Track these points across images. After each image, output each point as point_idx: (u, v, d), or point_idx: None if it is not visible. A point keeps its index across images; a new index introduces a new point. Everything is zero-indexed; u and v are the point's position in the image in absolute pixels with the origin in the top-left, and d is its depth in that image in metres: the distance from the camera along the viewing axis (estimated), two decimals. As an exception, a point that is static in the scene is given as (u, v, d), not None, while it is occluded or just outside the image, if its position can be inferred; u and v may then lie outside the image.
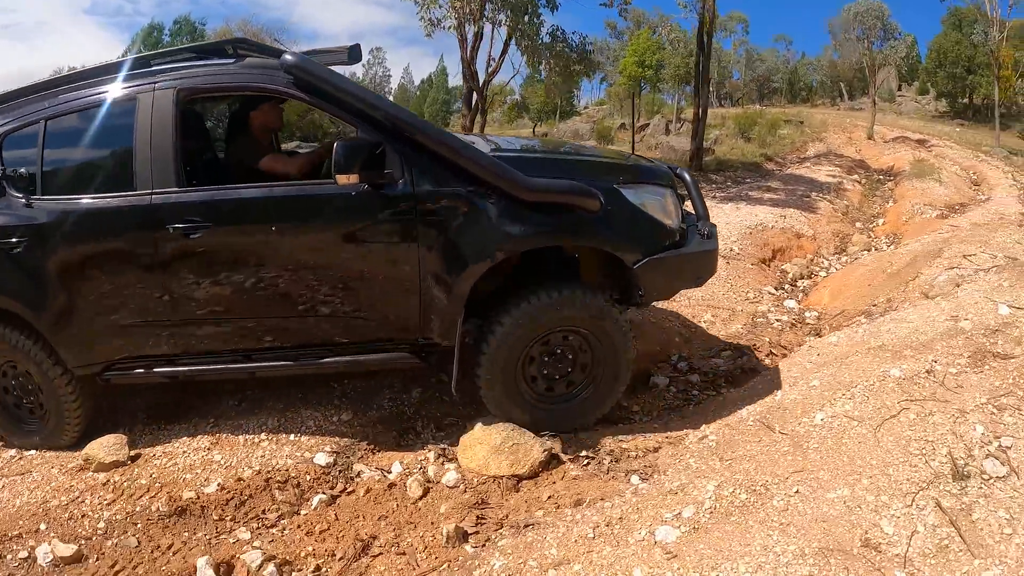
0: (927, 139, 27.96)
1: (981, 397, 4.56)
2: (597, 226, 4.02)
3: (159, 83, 4.02)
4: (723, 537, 3.17)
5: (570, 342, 4.31)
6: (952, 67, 52.22)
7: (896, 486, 3.54)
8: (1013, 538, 3.23)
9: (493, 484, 3.99)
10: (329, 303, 4.10)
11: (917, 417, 4.18)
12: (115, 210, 4.05)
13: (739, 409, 4.78)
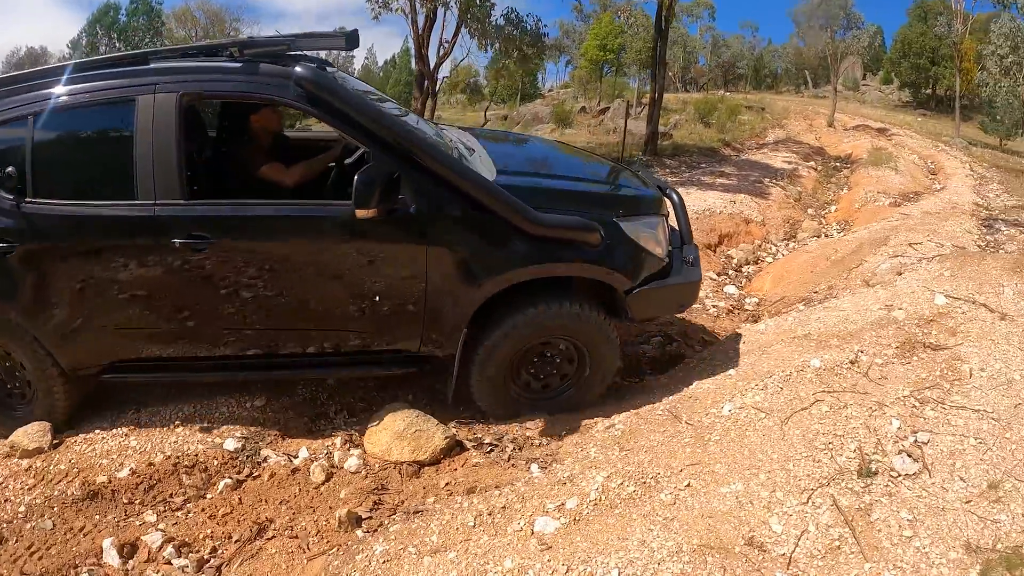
0: (888, 128, 28.24)
1: (904, 389, 4.46)
2: (596, 258, 4.23)
3: (160, 85, 3.82)
4: (602, 530, 3.14)
5: (564, 350, 4.53)
6: (916, 58, 53.11)
7: (794, 482, 3.43)
8: (913, 541, 3.11)
9: (394, 470, 4.04)
10: (333, 317, 4.19)
11: (830, 410, 4.05)
12: (115, 220, 3.90)
13: (653, 398, 4.70)
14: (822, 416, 3.98)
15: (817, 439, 3.76)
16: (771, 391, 4.27)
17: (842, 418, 3.97)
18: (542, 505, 3.40)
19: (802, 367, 4.56)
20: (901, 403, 4.24)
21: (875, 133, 25.64)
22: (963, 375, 4.76)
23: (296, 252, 4.04)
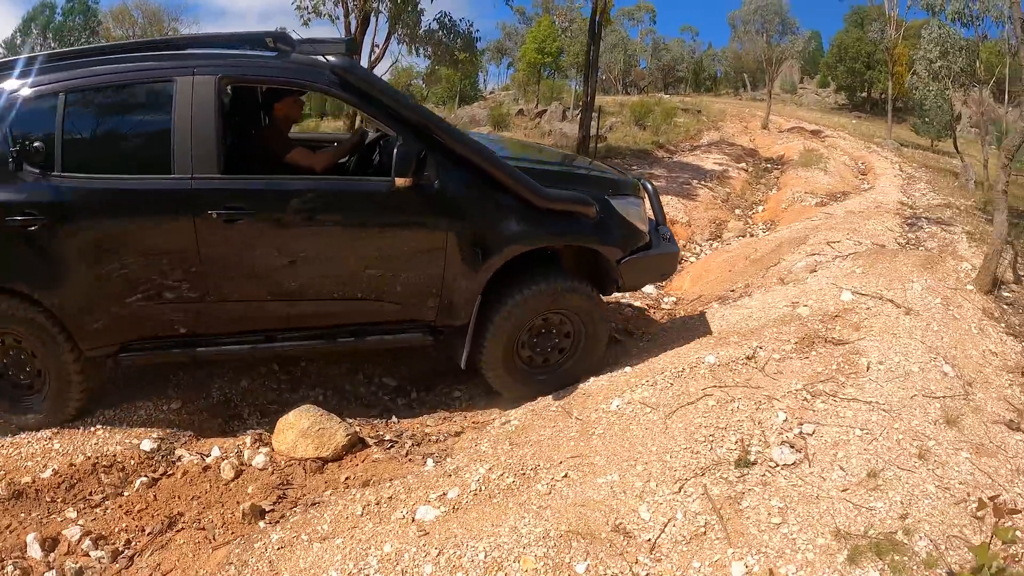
0: (822, 130, 29.20)
1: (797, 383, 4.62)
2: (594, 230, 4.77)
3: (199, 68, 4.07)
4: (478, 518, 3.38)
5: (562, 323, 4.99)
6: (852, 62, 55.18)
7: (669, 472, 3.59)
8: (781, 527, 3.25)
9: (299, 467, 4.32)
10: (361, 287, 4.47)
11: (717, 404, 4.19)
12: (151, 192, 4.08)
13: (550, 394, 4.92)
14: (707, 410, 4.12)
15: (699, 432, 3.90)
16: (660, 387, 4.44)
17: (728, 411, 4.11)
18: (426, 495, 3.65)
19: (696, 363, 4.71)
20: (792, 397, 4.39)
21: (809, 135, 26.43)
22: (860, 369, 4.94)
23: (331, 224, 4.38)
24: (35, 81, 3.98)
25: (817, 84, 66.92)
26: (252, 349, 4.57)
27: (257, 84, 4.95)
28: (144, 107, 4.29)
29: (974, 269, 7.73)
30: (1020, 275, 9.13)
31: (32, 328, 4.17)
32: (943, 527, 3.38)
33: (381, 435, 4.75)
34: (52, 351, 4.23)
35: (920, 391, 4.72)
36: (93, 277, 4.08)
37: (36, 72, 4.01)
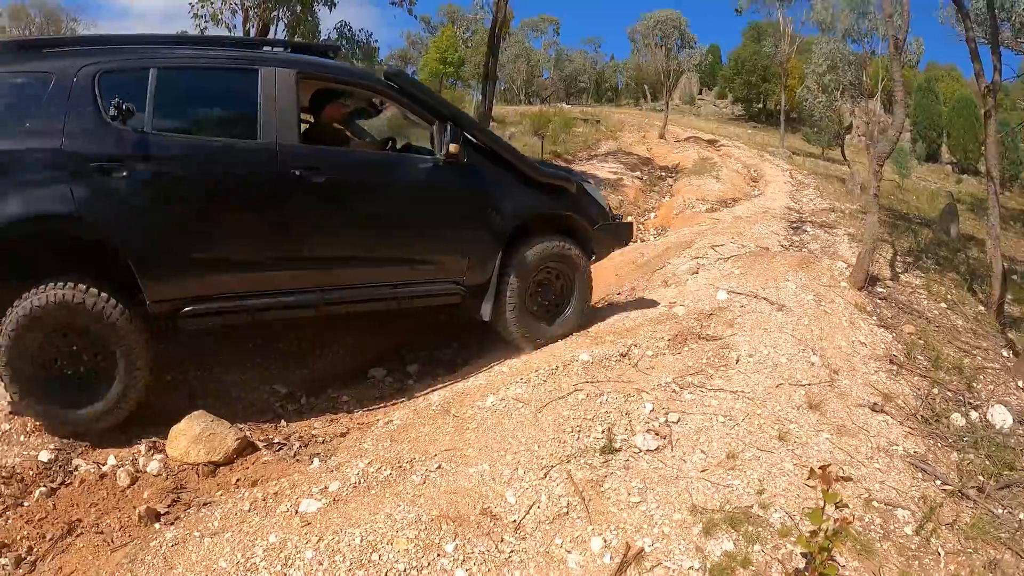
0: (718, 139, 30.67)
1: (668, 377, 4.98)
2: (578, 203, 6.17)
3: (281, 63, 5.05)
4: (357, 507, 3.65)
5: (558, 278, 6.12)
6: (749, 75, 58.26)
7: (537, 461, 3.92)
8: (640, 506, 3.58)
9: (192, 471, 4.55)
10: (407, 248, 5.41)
11: (587, 397, 4.51)
12: (240, 150, 4.82)
13: (432, 395, 5.27)
14: (577, 403, 4.44)
15: (567, 423, 4.22)
16: (534, 384, 4.78)
17: (597, 404, 4.44)
18: (309, 489, 3.91)
19: (570, 361, 5.04)
20: (661, 389, 4.75)
21: (705, 144, 27.65)
22: (730, 362, 5.36)
23: (390, 189, 5.31)
24: (125, 58, 4.70)
25: (715, 96, 69.85)
26: (312, 306, 5.12)
27: (326, 82, 5.61)
28: (228, 86, 5.05)
29: (849, 267, 8.37)
30: (897, 272, 9.92)
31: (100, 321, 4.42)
32: (799, 500, 3.76)
33: (270, 438, 4.99)
34: (119, 328, 4.48)
35: (786, 380, 5.16)
36: (171, 225, 4.59)
37: (124, 51, 4.76)
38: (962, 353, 6.79)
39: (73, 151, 4.33)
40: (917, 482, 4.33)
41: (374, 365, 6.37)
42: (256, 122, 4.82)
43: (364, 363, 6.33)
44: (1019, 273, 12.68)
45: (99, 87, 4.49)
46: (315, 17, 17.20)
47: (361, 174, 5.27)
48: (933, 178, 38.31)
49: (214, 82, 5.03)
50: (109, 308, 4.41)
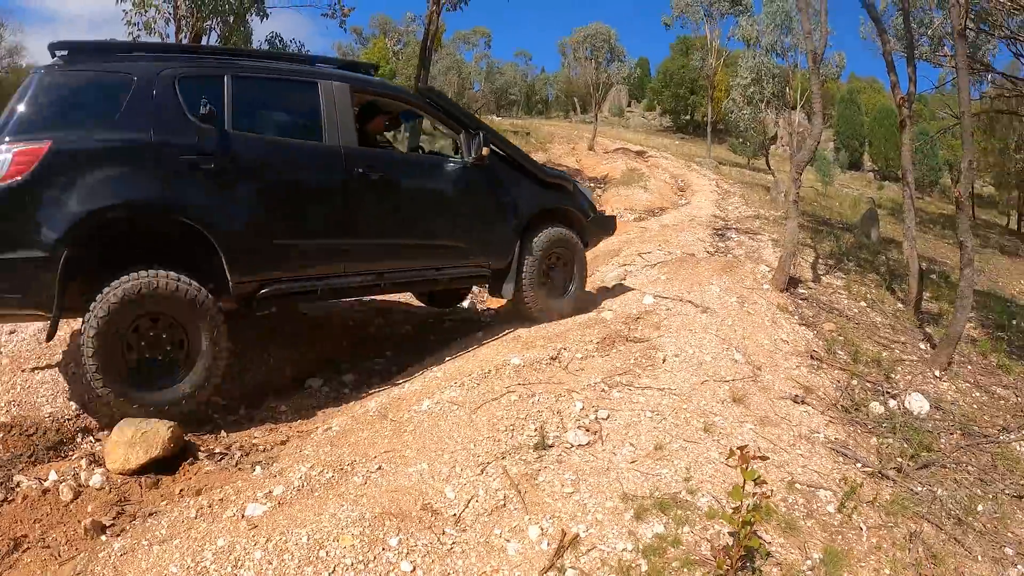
0: (646, 151, 31.59)
1: (597, 377, 5.23)
2: (574, 198, 7.33)
3: (336, 78, 5.89)
4: (302, 509, 3.80)
5: (562, 260, 7.14)
6: (677, 87, 60.24)
7: (473, 458, 4.12)
8: (573, 496, 3.81)
9: (134, 483, 4.60)
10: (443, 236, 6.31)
11: (519, 398, 4.74)
12: (310, 150, 5.60)
13: (370, 401, 5.43)
14: (510, 404, 4.67)
15: (501, 423, 4.45)
16: (468, 387, 4.99)
17: (529, 404, 4.68)
18: (254, 494, 4.06)
19: (502, 365, 5.27)
20: (591, 389, 5.00)
21: (633, 155, 28.38)
22: (656, 361, 5.64)
23: (430, 185, 6.30)
24: (200, 64, 5.38)
25: (644, 108, 71.62)
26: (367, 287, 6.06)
27: (372, 96, 6.45)
28: (293, 96, 5.78)
29: (772, 271, 8.81)
30: (819, 274, 10.43)
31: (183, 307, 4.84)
32: (725, 486, 4.02)
33: (212, 449, 5.06)
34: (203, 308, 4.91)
35: (711, 377, 5.46)
36: (254, 214, 5.19)
37: (199, 60, 5.45)
38: (881, 347, 7.24)
39: (164, 144, 4.86)
40: (838, 465, 4.65)
41: (310, 376, 6.51)
42: (321, 127, 5.65)
43: (300, 374, 6.47)
44: (937, 272, 13.41)
45: (179, 89, 5.06)
46: (247, 27, 17.25)
47: (407, 173, 6.28)
48: (856, 185, 40.05)
49: (281, 91, 5.79)
50: (197, 293, 4.86)
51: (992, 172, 32.02)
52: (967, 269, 7.06)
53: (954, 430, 5.66)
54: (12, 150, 4.45)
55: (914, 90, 9.76)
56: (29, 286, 4.55)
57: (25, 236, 4.51)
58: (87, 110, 4.85)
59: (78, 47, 5.05)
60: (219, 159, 5.03)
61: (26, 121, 4.62)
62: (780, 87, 34.08)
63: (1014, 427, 5.90)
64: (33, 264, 4.49)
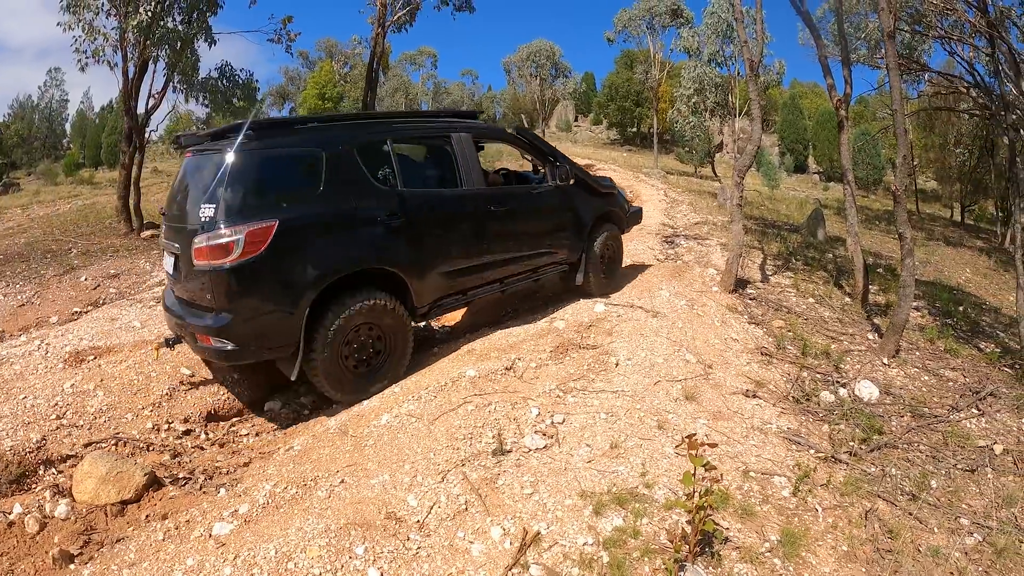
0: (594, 163, 31.90)
1: (551, 384, 5.39)
2: (617, 200, 9.04)
3: (462, 128, 7.15)
4: (269, 525, 3.93)
5: (609, 252, 8.75)
6: (622, 100, 61.33)
7: (433, 467, 4.25)
8: (533, 496, 3.96)
9: (100, 512, 4.71)
10: (540, 244, 7.71)
11: (476, 408, 4.88)
12: (455, 196, 6.85)
13: (330, 420, 5.55)
14: (467, 414, 4.81)
15: (459, 432, 4.58)
16: (425, 400, 5.14)
17: (486, 413, 4.83)
18: (220, 514, 4.19)
19: (458, 377, 5.42)
20: (546, 395, 5.16)
21: (582, 170, 28.57)
22: (610, 366, 5.82)
23: (531, 208, 7.74)
24: (368, 133, 6.40)
25: (591, 122, 72.55)
26: (491, 291, 7.22)
27: (483, 139, 7.83)
28: (435, 149, 7.32)
29: (720, 273, 9.08)
30: (767, 274, 10.72)
31: (391, 309, 6.00)
32: (681, 477, 4.16)
33: (175, 474, 5.19)
34: (400, 323, 6.09)
35: (664, 377, 5.65)
36: (429, 254, 6.41)
37: (366, 129, 6.46)
38: (829, 340, 7.51)
39: (365, 210, 5.97)
40: (791, 453, 4.86)
41: (269, 399, 6.61)
42: (457, 174, 6.91)
43: (259, 398, 6.57)
44: (884, 265, 13.82)
45: (359, 158, 6.06)
46: (195, 54, 17.28)
47: (517, 202, 7.57)
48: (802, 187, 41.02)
49: (426, 146, 7.44)
50: (400, 309, 6.07)
51: (934, 167, 33.05)
52: (908, 259, 7.36)
53: (904, 413, 5.91)
54: (244, 231, 5.20)
55: (850, 92, 10.15)
56: (275, 344, 5.50)
57: (272, 298, 5.42)
58: (293, 186, 5.73)
59: (259, 126, 5.70)
60: (402, 216, 6.14)
61: (241, 202, 5.36)
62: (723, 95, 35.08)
63: (963, 405, 6.17)
64: (280, 319, 5.44)
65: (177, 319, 5.78)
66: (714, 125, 37.16)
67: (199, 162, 5.97)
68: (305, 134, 6.00)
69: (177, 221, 5.80)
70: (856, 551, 3.90)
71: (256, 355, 5.54)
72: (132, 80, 16.04)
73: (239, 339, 5.35)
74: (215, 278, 5.25)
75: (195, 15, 16.18)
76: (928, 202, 37.26)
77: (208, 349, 5.50)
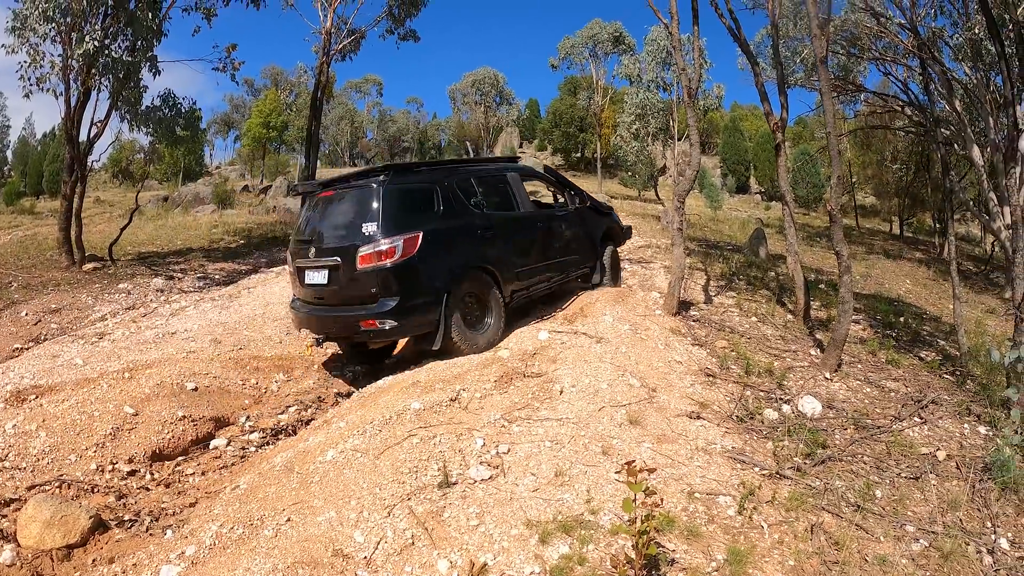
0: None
1: (496, 414, 5.42)
2: (614, 217, 11.49)
3: (514, 170, 9.75)
4: (216, 566, 3.92)
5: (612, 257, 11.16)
6: (566, 127, 62.38)
7: (380, 502, 4.27)
8: (479, 527, 4.01)
9: (46, 557, 4.64)
10: (568, 252, 9.78)
11: (421, 441, 4.90)
12: (518, 217, 9.04)
13: (275, 457, 5.48)
14: (412, 447, 4.82)
15: (404, 465, 4.60)
16: (370, 434, 5.15)
17: (431, 446, 4.84)
18: (166, 557, 4.21)
19: (403, 411, 5.44)
20: (491, 425, 5.19)
21: (527, 198, 28.84)
22: (554, 394, 5.88)
23: (560, 224, 9.77)
24: (459, 172, 8.73)
25: (535, 148, 73.25)
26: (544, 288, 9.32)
27: (527, 178, 10.23)
28: (501, 183, 9.23)
29: (663, 296, 9.23)
30: (710, 295, 10.91)
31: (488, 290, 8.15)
32: (625, 503, 4.23)
33: (120, 516, 5.15)
34: (496, 299, 8.19)
35: (608, 402, 5.72)
36: (508, 257, 8.49)
37: (459, 170, 8.84)
38: (772, 357, 7.66)
39: (470, 225, 8.16)
40: (736, 472, 4.94)
41: (214, 437, 6.54)
42: (515, 202, 9.18)
43: (206, 434, 6.51)
44: (825, 281, 14.14)
45: (456, 189, 8.26)
46: (139, 83, 17.08)
47: (555, 221, 9.76)
48: (744, 208, 41.84)
49: (495, 181, 9.15)
50: (495, 288, 8.20)
51: (872, 183, 34.06)
52: (845, 276, 7.58)
53: (848, 426, 6.03)
54: (400, 239, 7.21)
55: (786, 116, 10.46)
56: (427, 317, 7.35)
57: (423, 287, 7.33)
58: (423, 209, 7.75)
59: (394, 168, 7.82)
60: (492, 230, 8.34)
61: (394, 220, 7.33)
62: (665, 120, 35.71)
63: (906, 415, 6.31)
64: (427, 303, 7.33)
65: (332, 317, 7.52)
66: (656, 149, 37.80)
67: (343, 196, 7.93)
68: (422, 174, 8.23)
69: (332, 242, 7.57)
70: (803, 565, 3.99)
71: (411, 331, 7.45)
72: (75, 108, 15.87)
73: (400, 318, 7.12)
74: (381, 275, 7.12)
75: (140, 43, 16.05)
76: (868, 217, 38.26)
77: (373, 331, 7.20)
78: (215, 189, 33.67)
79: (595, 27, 45.48)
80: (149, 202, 32.27)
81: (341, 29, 21.84)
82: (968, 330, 11.38)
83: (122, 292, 12.56)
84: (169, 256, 16.07)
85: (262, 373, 7.87)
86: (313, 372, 8.28)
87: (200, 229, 20.31)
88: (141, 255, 16.26)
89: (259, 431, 6.72)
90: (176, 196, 34.11)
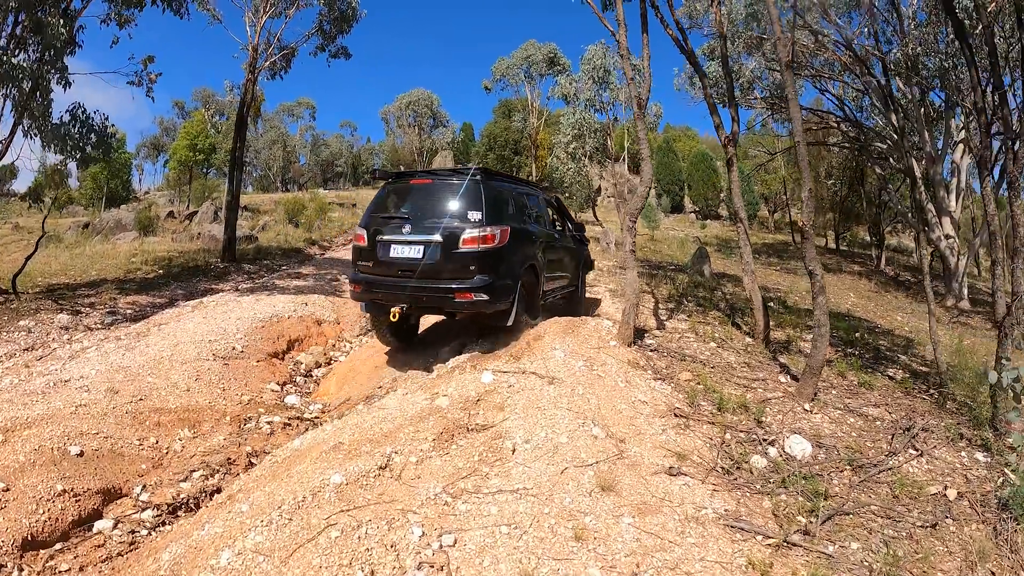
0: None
1: (437, 486, 4.23)
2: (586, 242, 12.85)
3: (540, 194, 10.76)
4: None
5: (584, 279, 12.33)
6: (501, 150, 61.20)
7: None
8: None
9: None
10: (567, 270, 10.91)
11: (342, 534, 3.63)
12: (547, 233, 10.21)
13: (163, 553, 4.11)
14: (331, 545, 3.55)
15: (320, 575, 3.27)
16: (277, 525, 3.79)
17: (354, 541, 3.57)
18: None
19: (321, 487, 4.13)
20: (431, 504, 3.99)
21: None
22: (505, 454, 4.72)
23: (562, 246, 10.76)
24: (520, 187, 9.83)
25: (471, 172, 72.38)
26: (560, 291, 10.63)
27: (548, 203, 10.98)
28: (528, 201, 9.73)
29: (616, 324, 8.19)
30: (662, 320, 10.00)
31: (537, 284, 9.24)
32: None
33: None
34: (537, 295, 9.15)
35: (571, 462, 4.60)
36: (544, 263, 9.44)
37: (520, 187, 9.89)
38: (743, 389, 6.71)
39: (528, 231, 9.08)
40: (738, 545, 3.94)
41: (100, 516, 5.24)
42: (543, 220, 10.12)
43: (90, 512, 5.19)
44: (774, 299, 13.40)
45: (518, 199, 9.21)
46: (47, 97, 15.28)
47: (561, 243, 10.60)
48: (680, 227, 41.49)
49: (524, 199, 9.50)
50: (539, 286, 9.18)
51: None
52: (820, 297, 6.71)
53: (843, 466, 5.24)
54: (499, 230, 8.03)
55: (737, 130, 9.99)
56: (508, 297, 8.11)
57: (507, 272, 8.14)
58: (505, 208, 8.62)
59: (484, 170, 8.61)
60: (537, 238, 9.27)
61: (493, 213, 8.15)
62: (601, 141, 35.08)
63: (899, 447, 5.61)
64: (510, 286, 8.15)
65: (422, 287, 7.91)
66: (593, 170, 37.17)
67: (442, 186, 8.53)
68: (503, 181, 9.26)
69: (433, 222, 8.07)
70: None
71: (495, 305, 7.94)
72: (-23, 123, 14.32)
73: (492, 293, 7.83)
74: (482, 256, 7.87)
75: (50, 53, 14.36)
76: (800, 232, 38.19)
77: (467, 303, 7.78)
78: (138, 215, 31.45)
79: (530, 48, 44.87)
80: (69, 229, 30.09)
81: (271, 43, 20.47)
82: (921, 341, 10.91)
83: (22, 331, 10.68)
84: (80, 288, 14.22)
85: (164, 429, 6.42)
86: (224, 425, 6.82)
87: (118, 258, 18.47)
88: (51, 287, 14.44)
89: (154, 507, 5.36)
90: (97, 223, 31.91)
